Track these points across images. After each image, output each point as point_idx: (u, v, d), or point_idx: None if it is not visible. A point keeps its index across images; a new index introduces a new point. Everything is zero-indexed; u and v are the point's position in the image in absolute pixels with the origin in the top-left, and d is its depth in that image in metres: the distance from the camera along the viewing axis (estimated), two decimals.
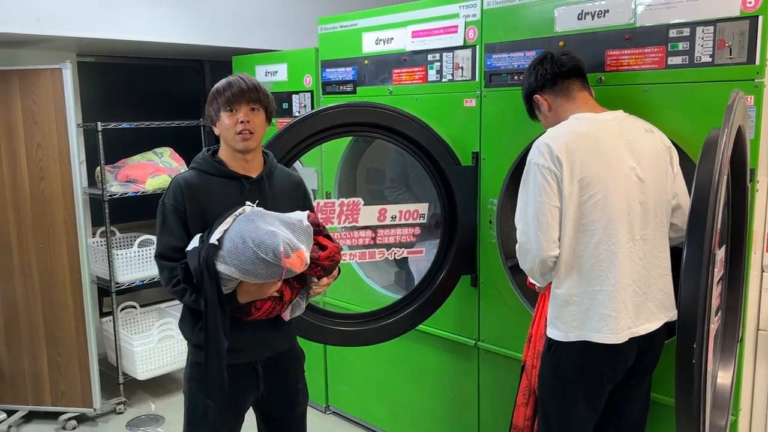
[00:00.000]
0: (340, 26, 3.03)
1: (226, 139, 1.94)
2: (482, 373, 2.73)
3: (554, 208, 1.86)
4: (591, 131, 1.91)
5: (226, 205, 1.90)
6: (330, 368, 3.44)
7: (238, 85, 1.91)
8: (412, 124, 2.52)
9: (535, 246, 1.89)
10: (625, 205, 1.86)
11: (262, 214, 1.84)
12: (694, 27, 1.99)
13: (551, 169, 1.84)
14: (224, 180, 1.96)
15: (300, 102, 3.32)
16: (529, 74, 2.07)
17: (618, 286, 1.85)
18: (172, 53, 4.00)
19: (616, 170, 1.86)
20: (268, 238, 1.73)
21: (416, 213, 2.61)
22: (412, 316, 2.61)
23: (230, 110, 1.91)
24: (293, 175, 2.16)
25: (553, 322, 1.94)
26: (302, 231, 1.85)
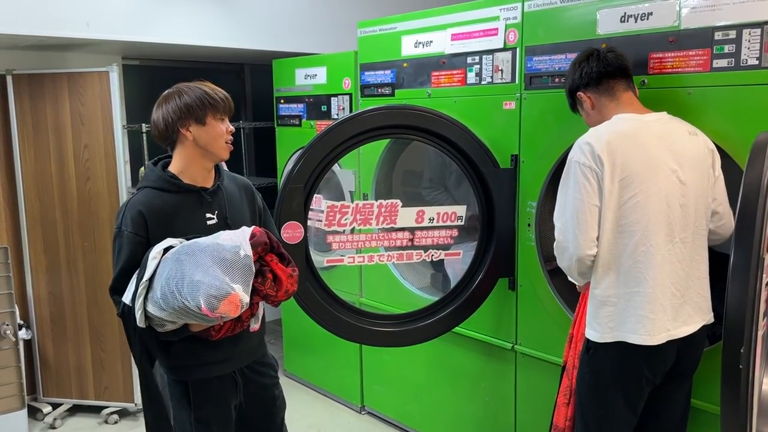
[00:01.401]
0: (379, 29, 3.06)
1: (211, 146, 1.87)
2: (519, 376, 2.72)
3: (593, 206, 1.85)
4: (633, 132, 1.90)
5: (190, 222, 1.86)
6: (366, 368, 3.46)
7: (229, 100, 1.92)
8: (450, 126, 2.53)
9: (573, 244, 1.88)
10: (665, 207, 1.84)
11: (191, 252, 1.70)
12: (740, 29, 1.96)
13: (592, 167, 1.84)
14: (183, 195, 1.88)
15: (339, 105, 3.36)
16: (574, 70, 2.05)
17: (656, 288, 1.84)
18: (213, 56, 4.08)
19: (657, 172, 1.85)
20: (192, 291, 1.64)
21: (454, 215, 2.61)
22: (449, 318, 2.61)
23: (222, 119, 1.88)
24: (239, 178, 2.11)
25: (590, 322, 1.94)
26: (238, 266, 1.69)
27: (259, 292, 1.75)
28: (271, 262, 1.77)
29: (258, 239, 1.75)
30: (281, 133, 3.82)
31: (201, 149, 1.87)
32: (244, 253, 1.70)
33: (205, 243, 1.73)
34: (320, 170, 2.42)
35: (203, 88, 1.87)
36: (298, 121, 3.66)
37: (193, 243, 1.75)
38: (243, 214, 2.01)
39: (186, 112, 1.84)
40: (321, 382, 3.79)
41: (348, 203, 2.51)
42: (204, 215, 1.90)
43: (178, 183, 1.87)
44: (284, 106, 3.74)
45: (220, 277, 1.66)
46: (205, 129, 1.85)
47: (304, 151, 2.37)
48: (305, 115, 3.60)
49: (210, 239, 1.75)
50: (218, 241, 1.73)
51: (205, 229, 1.88)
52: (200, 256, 1.69)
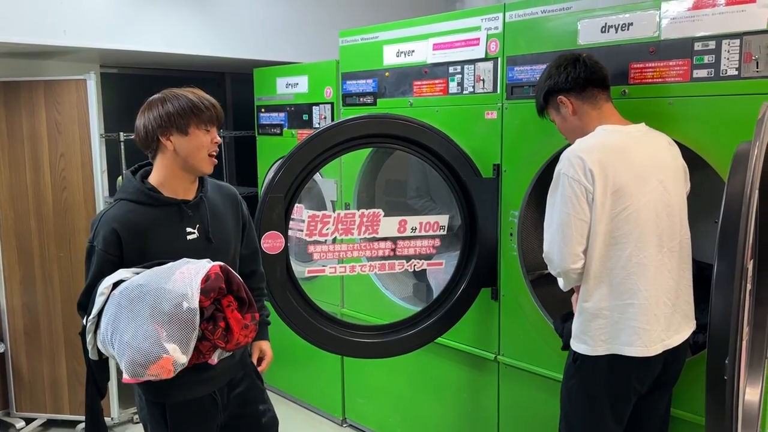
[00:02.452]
0: (361, 39, 3.05)
1: (192, 158, 1.77)
2: (502, 387, 2.70)
3: (580, 221, 1.84)
4: (621, 144, 1.90)
5: (168, 238, 1.76)
6: (347, 380, 3.43)
7: (217, 108, 1.81)
8: (432, 135, 2.52)
9: (558, 257, 1.88)
10: (655, 217, 1.85)
11: (132, 298, 1.58)
12: (719, 40, 1.98)
13: (581, 182, 1.83)
14: (162, 209, 1.78)
15: (320, 114, 3.34)
16: (557, 73, 2.01)
17: (650, 299, 1.84)
18: (193, 65, 4.04)
19: (645, 183, 1.86)
20: (120, 352, 1.55)
21: (436, 225, 2.60)
22: (432, 328, 2.59)
23: (207, 130, 1.78)
24: (225, 187, 2.01)
25: (579, 336, 1.92)
26: (178, 321, 1.56)
27: (209, 341, 1.64)
28: (227, 307, 1.65)
29: (211, 285, 1.61)
30: (262, 142, 3.80)
31: (181, 160, 1.78)
32: (187, 306, 1.56)
33: (150, 287, 1.59)
34: (301, 179, 2.40)
35: (189, 96, 1.78)
36: (279, 130, 3.63)
37: (137, 285, 1.60)
38: (226, 228, 1.92)
39: (167, 120, 1.75)
40: (302, 394, 3.75)
41: (329, 213, 2.48)
42: (184, 230, 1.80)
43: (157, 196, 1.78)
44: (265, 115, 3.71)
45: (153, 336, 1.54)
46: (187, 139, 1.76)
47: (285, 160, 2.35)
48: (286, 124, 3.58)
49: (159, 279, 1.61)
50: (165, 285, 1.58)
51: (185, 244, 1.80)
52: (139, 306, 1.57)
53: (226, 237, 1.90)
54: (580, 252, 1.85)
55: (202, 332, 1.62)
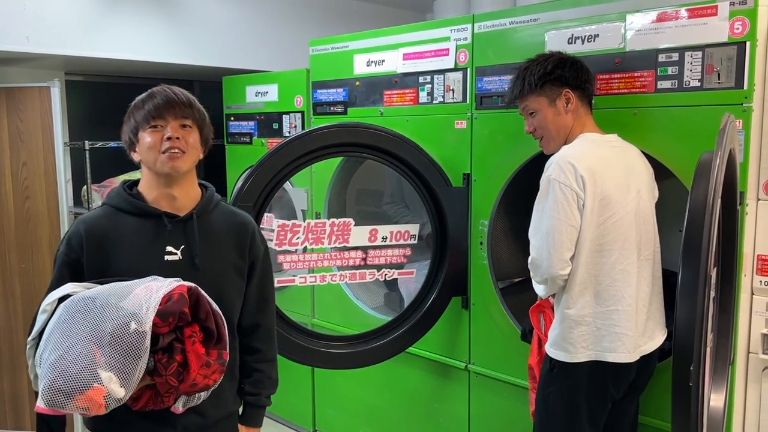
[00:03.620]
0: (331, 48, 3.04)
1: (149, 163, 1.54)
2: (473, 396, 2.70)
3: (571, 227, 1.84)
4: (605, 153, 1.93)
5: (140, 254, 1.52)
6: (318, 391, 3.39)
7: (164, 95, 1.55)
8: (403, 145, 2.52)
9: (546, 263, 1.87)
10: (635, 225, 1.89)
11: (74, 312, 1.33)
12: (682, 52, 2.02)
13: (573, 188, 1.83)
14: (139, 219, 1.55)
15: (291, 122, 3.32)
16: (568, 67, 1.97)
17: (633, 306, 1.86)
18: (161, 73, 3.99)
19: (627, 192, 1.89)
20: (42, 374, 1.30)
21: (407, 234, 2.60)
22: (402, 338, 2.58)
23: (154, 126, 1.53)
24: (238, 215, 1.72)
25: (559, 343, 1.92)
26: (120, 345, 1.29)
27: (159, 376, 1.35)
28: (188, 338, 1.37)
29: (171, 307, 1.34)
30: (231, 151, 3.76)
31: (147, 169, 1.58)
32: (134, 328, 1.30)
33: (99, 301, 1.35)
34: (270, 189, 2.38)
35: (139, 97, 1.58)
36: (248, 139, 3.60)
37: (85, 298, 1.36)
38: (222, 260, 1.61)
39: (128, 133, 1.59)
40: (271, 406, 3.68)
41: (299, 222, 2.46)
42: (163, 248, 1.54)
43: (137, 203, 1.56)
44: (234, 123, 3.68)
45: (86, 359, 1.27)
46: (140, 145, 1.56)
47: (254, 169, 2.32)
48: (256, 133, 3.55)
49: (112, 295, 1.37)
50: (118, 302, 1.34)
51: (160, 265, 1.53)
52: (79, 322, 1.31)
53: (219, 269, 1.60)
54: (569, 258, 1.85)
55: (154, 365, 1.35)
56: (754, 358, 2.00)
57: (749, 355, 2.01)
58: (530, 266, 1.97)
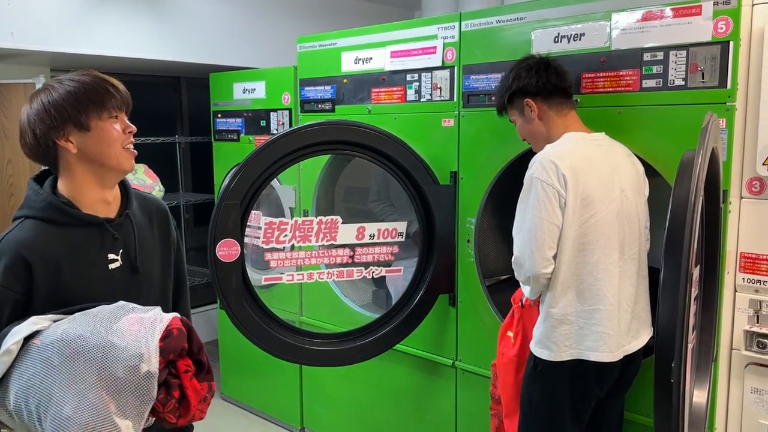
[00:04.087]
0: (319, 45, 3.03)
1: (105, 158, 1.38)
2: (460, 393, 2.71)
3: (552, 225, 1.85)
4: (589, 152, 1.93)
5: (87, 267, 1.38)
6: (306, 389, 3.39)
7: (119, 88, 1.40)
8: (390, 142, 2.52)
9: (529, 262, 1.88)
10: (618, 225, 1.89)
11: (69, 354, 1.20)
12: (667, 51, 2.03)
13: (555, 186, 1.84)
14: (80, 230, 1.37)
15: (278, 120, 3.31)
16: (528, 75, 2.01)
17: (614, 305, 1.87)
18: (148, 69, 3.97)
19: (611, 191, 1.89)
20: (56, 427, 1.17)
21: (395, 231, 2.60)
22: (390, 335, 2.59)
23: (114, 117, 1.38)
24: (151, 200, 1.59)
25: (542, 341, 1.93)
26: (134, 390, 1.22)
27: (156, 414, 1.28)
28: (184, 373, 1.31)
29: (172, 344, 1.27)
30: (218, 148, 3.74)
31: (93, 164, 1.38)
32: (146, 370, 1.22)
33: (94, 341, 1.22)
34: (258, 186, 2.37)
35: (80, 79, 1.37)
36: (236, 136, 3.58)
37: (76, 337, 1.22)
38: (153, 253, 1.53)
39: (59, 116, 1.34)
40: (259, 404, 3.69)
41: (286, 220, 2.46)
42: (105, 257, 1.40)
43: (75, 213, 1.37)
44: (222, 120, 3.66)
45: (102, 410, 1.18)
46: (92, 135, 1.36)
47: (241, 167, 2.32)
48: (243, 130, 3.54)
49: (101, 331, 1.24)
50: (113, 339, 1.23)
51: (106, 275, 1.41)
52: (80, 366, 1.20)
53: (153, 265, 1.53)
54: (551, 256, 1.86)
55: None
56: (736, 354, 2.02)
57: (732, 351, 2.04)
58: (513, 265, 1.98)
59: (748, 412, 2.00)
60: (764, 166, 1.92)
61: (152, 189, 3.72)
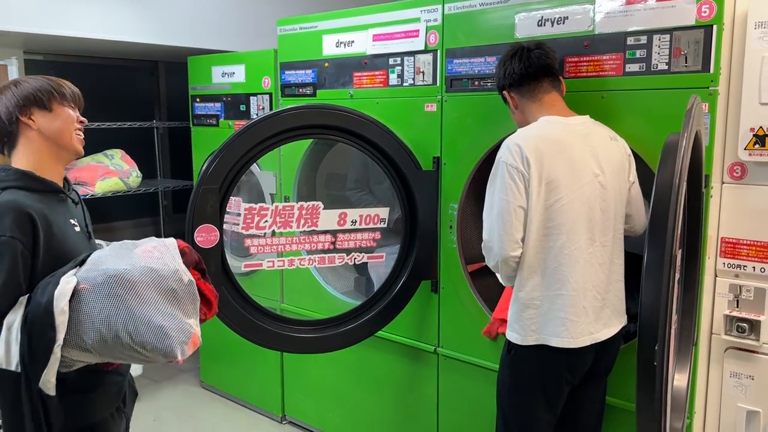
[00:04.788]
0: (299, 28, 2.98)
1: (61, 137, 1.62)
2: (442, 379, 2.71)
3: (519, 208, 1.85)
4: (559, 136, 1.91)
5: (64, 229, 1.58)
6: (287, 376, 3.37)
7: (77, 92, 1.71)
8: (373, 127, 2.49)
9: (498, 245, 1.88)
10: (587, 210, 1.87)
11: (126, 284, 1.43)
12: (651, 35, 2.02)
13: (519, 169, 1.83)
14: (49, 197, 1.59)
15: (258, 104, 3.26)
16: (500, 68, 2.03)
17: (578, 291, 1.86)
18: (124, 52, 3.88)
19: (581, 176, 1.87)
20: (155, 338, 1.42)
21: (377, 217, 2.58)
22: (372, 322, 2.57)
23: (72, 107, 1.66)
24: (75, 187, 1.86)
25: (512, 325, 1.94)
26: (187, 296, 1.49)
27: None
28: (198, 280, 1.56)
29: (190, 258, 1.54)
30: (197, 133, 3.68)
31: (50, 142, 1.61)
32: (188, 279, 1.49)
33: (136, 270, 1.45)
34: (237, 171, 2.33)
35: (45, 77, 1.67)
36: (215, 121, 3.53)
37: (120, 272, 1.44)
38: (88, 226, 1.77)
39: (26, 98, 1.59)
40: (240, 392, 3.66)
41: (267, 205, 2.42)
42: (68, 220, 1.63)
43: (43, 180, 1.58)
44: (200, 105, 3.60)
45: (176, 314, 1.46)
46: (52, 116, 1.61)
47: (219, 151, 2.27)
48: (223, 115, 3.48)
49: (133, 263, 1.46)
50: (149, 265, 1.46)
51: (75, 237, 1.63)
52: (142, 290, 1.43)
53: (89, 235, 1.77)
54: (519, 239, 1.86)
55: None
56: (716, 338, 2.04)
57: (712, 336, 2.05)
58: (483, 249, 1.98)
59: (727, 396, 2.01)
60: (746, 151, 1.92)
61: (129, 175, 3.65)
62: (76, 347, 1.43)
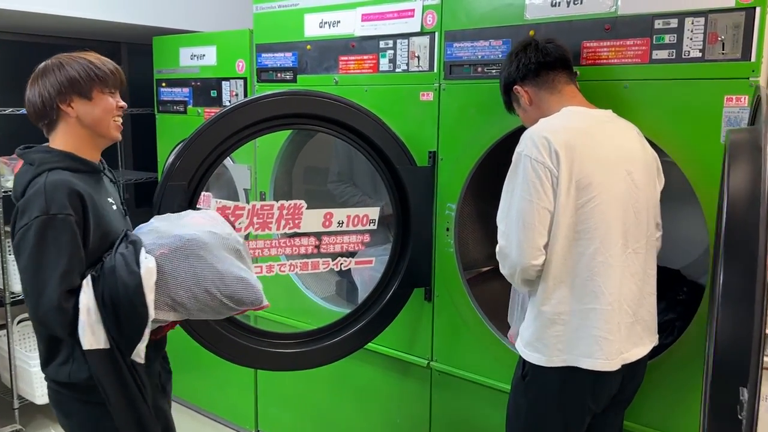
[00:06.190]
0: (278, 6, 2.71)
1: (99, 126, 1.68)
2: (435, 396, 2.48)
3: (544, 210, 1.61)
4: (589, 128, 1.69)
5: (106, 207, 1.68)
6: (261, 389, 3.11)
7: (120, 72, 1.73)
8: (363, 117, 2.23)
9: (516, 252, 1.63)
10: (622, 212, 1.65)
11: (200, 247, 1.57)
12: (682, 18, 1.80)
13: (547, 165, 1.59)
14: (91, 177, 1.68)
15: (231, 90, 2.99)
16: (510, 62, 1.83)
17: (614, 305, 1.63)
18: (83, 32, 3.58)
19: (614, 173, 1.65)
20: (243, 290, 1.61)
21: (366, 218, 2.31)
22: (358, 335, 2.32)
23: (112, 93, 1.70)
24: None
25: (533, 343, 1.69)
26: (247, 253, 1.70)
27: None
28: None
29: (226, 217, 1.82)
30: (163, 120, 3.39)
31: (86, 128, 1.66)
32: (242, 240, 1.70)
33: (204, 235, 1.60)
34: (208, 165, 2.05)
35: (88, 58, 1.67)
36: (182, 108, 3.24)
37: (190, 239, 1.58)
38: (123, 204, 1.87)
39: (68, 85, 1.62)
40: (210, 405, 3.39)
41: (243, 204, 2.14)
42: (107, 199, 1.71)
43: (84, 160, 1.66)
44: (166, 90, 3.31)
45: (249, 269, 1.66)
46: (92, 105, 1.65)
47: (188, 142, 1.99)
48: (191, 101, 3.20)
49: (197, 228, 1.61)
50: (211, 230, 1.61)
51: (114, 215, 1.71)
52: (216, 250, 1.59)
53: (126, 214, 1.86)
54: (542, 246, 1.62)
55: None
56: None
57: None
58: (498, 256, 1.73)
59: None
60: None
61: None
62: (164, 307, 1.56)
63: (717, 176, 1.75)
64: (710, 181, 1.77)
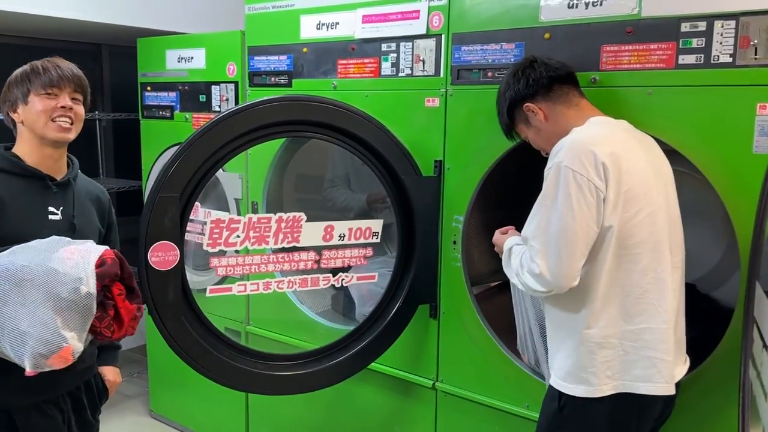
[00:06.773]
0: (272, 6, 2.60)
1: (36, 127, 1.68)
2: (440, 419, 2.35)
3: (589, 229, 1.50)
4: (625, 139, 1.59)
5: (28, 214, 1.67)
6: (252, 408, 2.98)
7: (63, 68, 1.71)
8: (367, 125, 2.11)
9: (555, 272, 1.51)
10: (668, 224, 1.56)
11: (18, 280, 1.44)
12: (711, 21, 1.70)
13: (592, 179, 1.48)
14: (26, 180, 1.69)
15: (221, 95, 2.86)
16: (516, 80, 1.72)
17: (669, 323, 1.53)
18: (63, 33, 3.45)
19: (653, 184, 1.56)
20: (16, 343, 1.43)
21: (368, 231, 2.19)
22: (361, 354, 2.19)
23: (48, 94, 1.68)
24: (95, 185, 1.94)
25: (576, 374, 1.56)
26: (77, 308, 1.47)
27: (93, 329, 1.53)
28: (118, 295, 1.56)
29: (107, 270, 1.52)
30: (147, 126, 3.25)
31: (32, 132, 1.69)
32: (86, 291, 1.47)
33: (37, 268, 1.45)
34: (201, 176, 1.91)
35: (34, 63, 1.71)
36: (169, 113, 3.11)
37: (20, 267, 1.45)
38: (90, 223, 1.82)
39: (8, 92, 1.72)
40: (195, 424, 3.25)
41: (238, 218, 2.00)
42: (46, 207, 1.70)
43: (19, 163, 1.69)
44: (151, 94, 3.17)
45: (51, 324, 1.44)
46: (28, 108, 1.68)
47: (180, 151, 1.86)
48: (178, 107, 3.07)
49: (43, 259, 1.47)
50: (54, 266, 1.46)
51: (45, 224, 1.69)
52: (29, 290, 1.44)
53: (88, 230, 1.79)
54: (581, 267, 1.51)
55: None
56: None
57: None
58: (530, 275, 1.59)
59: None
60: None
61: None
62: None
63: (749, 189, 1.65)
64: (742, 194, 1.68)
